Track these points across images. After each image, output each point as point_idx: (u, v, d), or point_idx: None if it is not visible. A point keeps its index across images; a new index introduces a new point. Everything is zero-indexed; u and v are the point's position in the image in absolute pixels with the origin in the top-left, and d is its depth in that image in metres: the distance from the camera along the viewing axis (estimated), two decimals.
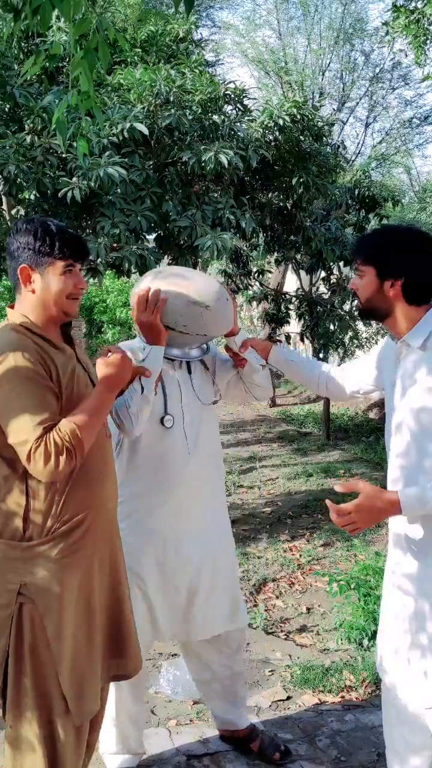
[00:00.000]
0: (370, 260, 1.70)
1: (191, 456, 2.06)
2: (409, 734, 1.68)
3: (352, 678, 2.81)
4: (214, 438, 2.19)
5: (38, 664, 1.57)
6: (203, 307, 1.96)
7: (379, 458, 6.88)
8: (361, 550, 4.20)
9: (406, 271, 1.67)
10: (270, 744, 2.29)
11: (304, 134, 4.67)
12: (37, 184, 3.76)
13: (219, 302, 1.99)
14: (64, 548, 1.59)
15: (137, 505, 2.07)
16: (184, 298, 1.96)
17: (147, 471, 2.06)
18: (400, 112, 13.00)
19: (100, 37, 1.44)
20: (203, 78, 4.31)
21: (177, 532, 2.07)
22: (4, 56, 3.97)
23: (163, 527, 2.07)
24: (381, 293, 1.70)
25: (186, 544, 2.08)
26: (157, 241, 4.48)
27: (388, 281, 1.68)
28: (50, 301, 1.64)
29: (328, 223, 5.32)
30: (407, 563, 1.68)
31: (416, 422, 1.65)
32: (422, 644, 1.63)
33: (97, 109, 1.65)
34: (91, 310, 11.68)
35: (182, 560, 2.08)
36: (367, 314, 1.78)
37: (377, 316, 1.77)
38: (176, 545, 2.08)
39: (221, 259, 5.35)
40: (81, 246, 1.67)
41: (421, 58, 5.71)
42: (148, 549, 2.06)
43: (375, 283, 1.70)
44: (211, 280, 2.10)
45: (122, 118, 3.85)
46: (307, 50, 12.13)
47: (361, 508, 1.55)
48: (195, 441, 2.08)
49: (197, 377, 2.14)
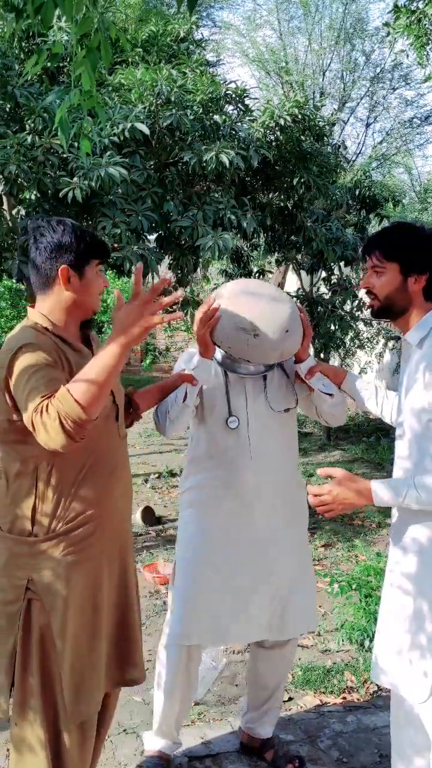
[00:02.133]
0: (393, 256, 1.69)
1: (253, 460, 2.04)
2: (415, 735, 1.67)
3: (354, 679, 2.81)
4: (284, 445, 2.13)
5: (45, 662, 1.57)
6: (251, 334, 1.93)
7: (380, 458, 6.88)
8: (362, 551, 4.19)
9: (430, 267, 1.68)
10: (283, 756, 2.27)
11: (305, 134, 4.67)
12: (38, 184, 3.76)
13: (272, 333, 1.94)
14: (70, 546, 1.59)
15: (199, 496, 2.12)
16: (235, 321, 1.94)
17: (208, 466, 2.10)
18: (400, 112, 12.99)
19: (102, 36, 1.44)
20: (204, 78, 4.31)
21: (235, 532, 2.07)
22: (5, 56, 3.97)
23: (222, 523, 2.08)
24: (404, 289, 1.70)
25: (243, 546, 2.07)
26: (158, 241, 4.48)
27: (413, 277, 1.69)
28: (87, 301, 1.67)
29: (329, 224, 5.31)
30: (406, 563, 1.68)
31: (417, 421, 1.65)
32: (422, 644, 1.63)
33: (99, 108, 1.65)
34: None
35: (238, 561, 2.07)
36: (383, 312, 1.76)
37: (393, 314, 1.75)
38: (234, 545, 2.07)
39: (222, 259, 5.35)
40: (105, 246, 1.72)
41: (422, 58, 5.69)
42: (207, 541, 2.09)
43: (398, 279, 1.70)
44: (279, 307, 2.00)
45: (123, 117, 3.85)
46: (307, 50, 12.12)
47: (334, 491, 1.61)
48: (258, 446, 2.05)
49: (273, 383, 2.12)
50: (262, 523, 2.08)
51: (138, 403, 2.01)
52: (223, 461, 2.07)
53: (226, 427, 2.05)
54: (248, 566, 2.08)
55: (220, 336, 1.97)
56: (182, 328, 11.45)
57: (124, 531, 1.77)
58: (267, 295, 2.03)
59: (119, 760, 2.30)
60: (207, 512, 2.11)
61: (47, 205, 3.97)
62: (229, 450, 2.06)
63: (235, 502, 2.06)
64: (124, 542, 1.77)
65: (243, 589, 2.07)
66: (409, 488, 1.56)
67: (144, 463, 6.72)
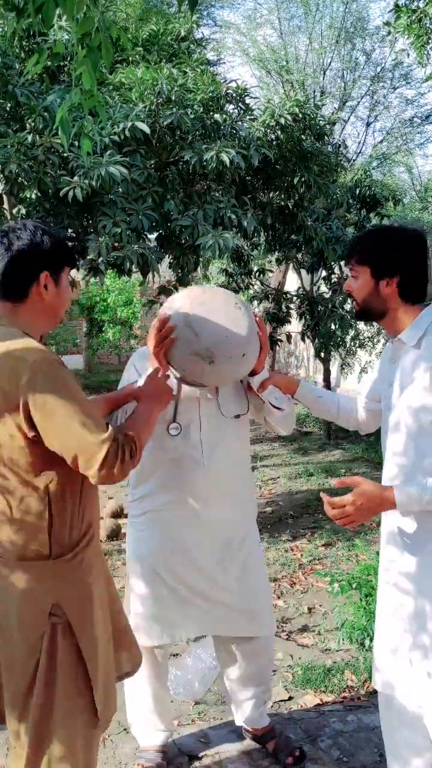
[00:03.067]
0: (364, 260, 1.72)
1: (206, 466, 2.02)
2: (411, 736, 1.67)
3: (354, 678, 2.81)
4: (237, 451, 2.11)
5: (69, 684, 1.50)
6: (206, 362, 1.85)
7: (379, 458, 6.87)
8: (362, 550, 4.19)
9: (400, 269, 1.69)
10: (285, 747, 2.29)
11: (305, 133, 4.66)
12: (39, 183, 3.76)
13: (229, 359, 1.86)
14: (88, 559, 1.57)
15: (151, 503, 2.10)
16: (189, 346, 1.85)
17: (159, 475, 2.07)
18: (401, 111, 13.01)
19: (103, 36, 1.43)
20: (205, 77, 4.30)
21: (189, 537, 2.07)
22: (6, 55, 3.96)
23: (177, 526, 2.07)
24: (377, 293, 1.72)
25: (197, 552, 2.08)
26: (158, 240, 4.48)
27: (384, 280, 1.70)
28: (59, 308, 1.61)
29: (329, 223, 5.31)
30: (403, 561, 1.68)
31: (415, 421, 1.65)
32: (424, 645, 1.62)
33: (100, 107, 1.64)
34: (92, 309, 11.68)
35: (195, 566, 2.08)
36: (363, 315, 1.79)
37: (374, 316, 1.78)
38: (188, 550, 2.07)
39: (222, 258, 5.34)
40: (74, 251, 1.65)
41: (423, 58, 5.69)
42: (164, 541, 2.09)
43: (370, 283, 1.72)
44: (237, 328, 1.88)
45: (124, 117, 3.84)
46: (308, 49, 12.11)
47: (358, 501, 1.59)
48: (212, 452, 2.03)
49: (225, 389, 2.08)
50: (213, 527, 2.07)
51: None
52: (174, 467, 2.03)
53: (168, 434, 2.01)
54: (198, 570, 2.08)
55: (174, 359, 1.89)
56: None
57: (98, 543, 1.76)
58: (223, 313, 1.89)
59: (119, 759, 2.31)
60: (157, 521, 2.08)
61: (48, 204, 3.97)
62: (179, 456, 2.03)
63: (187, 507, 2.05)
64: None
65: (190, 590, 2.08)
66: (424, 492, 1.56)
67: None
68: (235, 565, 2.12)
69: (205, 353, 1.84)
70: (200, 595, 2.09)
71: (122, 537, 4.63)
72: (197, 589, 2.09)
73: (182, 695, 2.69)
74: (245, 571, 2.14)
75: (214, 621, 2.13)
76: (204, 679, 2.76)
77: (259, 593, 2.18)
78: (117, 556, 4.25)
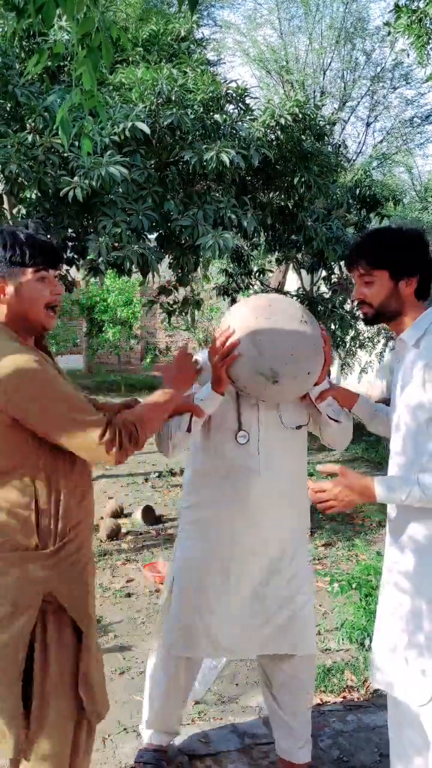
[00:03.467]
0: (381, 264, 1.71)
1: (262, 475, 1.97)
2: (413, 735, 1.68)
3: (354, 678, 2.81)
4: (295, 462, 2.05)
5: (63, 674, 1.54)
6: (270, 381, 1.80)
7: (380, 458, 6.88)
8: (362, 550, 4.19)
9: (419, 268, 1.70)
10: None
11: (305, 133, 4.67)
12: (39, 184, 3.76)
13: (293, 379, 1.81)
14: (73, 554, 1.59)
15: (204, 511, 2.05)
16: (253, 364, 1.80)
17: (215, 481, 2.02)
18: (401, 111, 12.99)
19: (103, 36, 1.44)
20: (205, 77, 4.30)
21: (240, 549, 2.01)
22: (6, 55, 3.96)
23: (230, 539, 2.01)
24: (396, 294, 1.72)
25: (247, 564, 2.02)
26: (158, 240, 4.48)
27: (404, 281, 1.70)
28: (26, 312, 1.57)
29: (330, 223, 5.31)
30: (404, 561, 1.69)
31: (413, 419, 1.66)
32: (420, 643, 1.63)
33: (100, 107, 1.64)
34: (92, 309, 11.68)
35: (243, 578, 2.02)
36: (377, 319, 1.77)
37: (388, 318, 1.76)
38: (238, 561, 2.02)
39: (222, 259, 5.34)
40: (52, 252, 1.60)
41: (423, 58, 5.69)
42: (214, 557, 2.03)
43: (389, 286, 1.71)
44: (304, 346, 1.82)
45: (124, 117, 3.84)
46: (308, 49, 12.11)
47: (337, 488, 1.64)
48: (269, 462, 1.98)
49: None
50: (267, 539, 2.02)
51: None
52: (232, 476, 2.00)
53: (235, 441, 1.97)
54: (248, 582, 2.03)
55: (235, 375, 1.85)
56: (182, 328, 11.45)
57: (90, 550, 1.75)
58: (289, 330, 1.81)
59: (119, 759, 2.31)
60: (209, 529, 2.05)
61: (48, 205, 3.97)
62: (237, 465, 1.98)
63: (242, 517, 2.00)
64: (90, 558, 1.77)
65: (239, 605, 2.03)
66: (412, 486, 1.57)
67: (144, 462, 6.72)
68: (283, 580, 2.05)
69: (269, 373, 1.79)
70: (248, 609, 2.03)
71: (122, 537, 4.63)
72: (245, 602, 2.03)
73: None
74: (293, 586, 2.06)
75: (260, 640, 2.06)
76: (204, 679, 2.76)
77: (305, 610, 2.09)
78: (117, 556, 4.25)
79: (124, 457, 1.52)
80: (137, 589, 3.79)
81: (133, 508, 5.22)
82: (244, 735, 2.43)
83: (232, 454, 1.98)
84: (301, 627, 2.08)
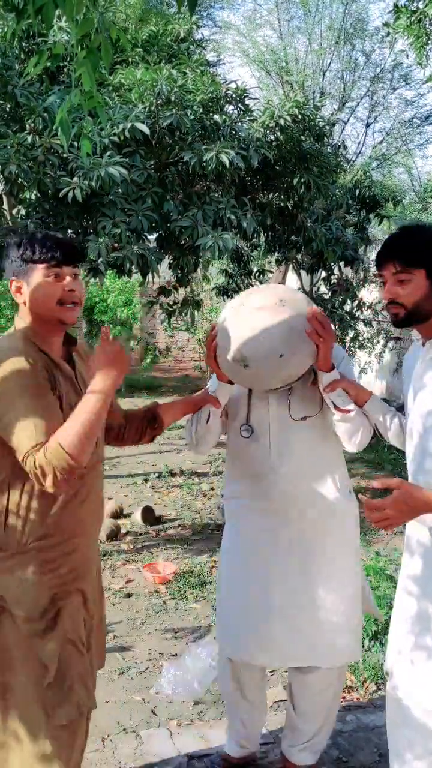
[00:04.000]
0: (417, 263, 1.64)
1: (275, 470, 1.95)
2: (413, 736, 1.67)
3: (353, 678, 2.81)
4: (312, 454, 1.98)
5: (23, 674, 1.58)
6: (241, 365, 1.82)
7: (379, 458, 6.88)
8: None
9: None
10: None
11: (305, 134, 4.67)
12: (38, 184, 3.76)
13: (263, 362, 1.80)
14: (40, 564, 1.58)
15: (234, 506, 2.09)
16: (226, 352, 1.85)
17: (237, 476, 2.07)
18: (400, 112, 13.00)
19: (103, 37, 1.44)
20: (204, 78, 4.30)
21: (265, 544, 1.98)
22: (6, 56, 3.97)
23: (253, 530, 2.01)
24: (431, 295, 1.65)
25: (274, 562, 1.97)
26: (158, 240, 4.48)
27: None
28: (40, 309, 1.59)
29: (329, 224, 5.31)
30: (413, 565, 1.69)
31: (421, 424, 1.67)
32: (428, 646, 1.63)
33: (100, 108, 1.65)
34: (92, 309, 11.68)
35: (267, 577, 1.98)
36: (408, 320, 1.69)
37: (419, 320, 1.69)
38: (266, 557, 1.98)
39: (222, 259, 5.34)
40: (68, 248, 1.60)
41: (422, 59, 5.69)
42: (243, 552, 2.04)
43: (426, 285, 1.64)
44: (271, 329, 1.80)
45: (123, 117, 3.85)
46: (307, 50, 12.13)
47: (398, 503, 1.50)
48: (281, 454, 1.95)
49: (299, 389, 1.97)
50: (290, 535, 1.96)
51: (162, 418, 1.98)
52: (247, 471, 2.01)
53: (241, 436, 1.99)
54: (277, 584, 1.96)
55: (221, 366, 1.91)
56: (182, 328, 11.46)
57: (93, 550, 1.76)
58: (260, 315, 1.82)
59: (119, 760, 2.31)
60: (239, 524, 2.06)
61: (47, 205, 3.98)
62: (252, 458, 1.99)
63: (262, 512, 1.98)
64: (93, 561, 1.77)
65: (271, 608, 1.96)
66: None
67: (144, 462, 6.72)
68: (316, 579, 1.96)
69: (240, 358, 1.82)
70: (281, 611, 1.95)
71: (122, 537, 4.63)
72: (278, 602, 1.96)
73: (182, 695, 2.69)
74: (329, 586, 1.97)
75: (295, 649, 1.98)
76: (203, 679, 2.76)
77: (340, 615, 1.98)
78: (117, 557, 4.25)
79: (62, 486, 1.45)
80: (137, 589, 3.79)
81: (132, 508, 5.22)
82: None
83: (247, 448, 1.99)
84: (336, 633, 1.98)
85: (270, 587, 1.97)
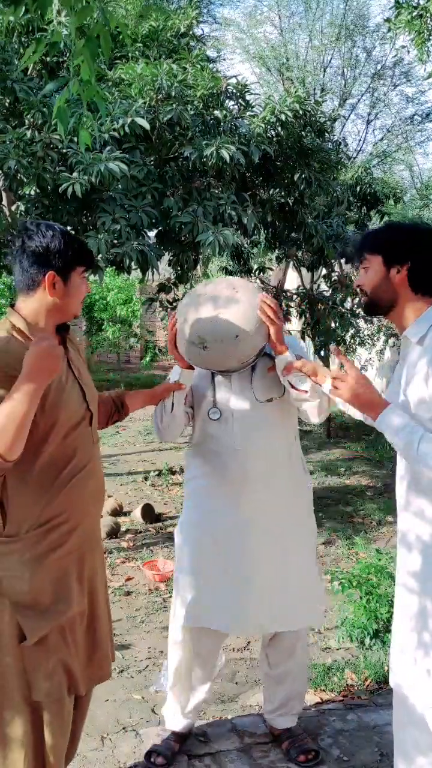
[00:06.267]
0: (376, 249, 1.73)
1: (239, 450, 2.07)
2: (418, 734, 1.66)
3: (354, 677, 2.80)
4: (275, 436, 2.11)
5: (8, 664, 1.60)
6: (200, 347, 1.97)
7: (379, 456, 6.87)
8: (362, 549, 4.17)
9: (411, 256, 1.68)
10: (298, 747, 2.28)
11: (306, 130, 4.64)
12: (38, 180, 3.73)
13: (220, 343, 1.95)
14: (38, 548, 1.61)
15: (196, 486, 2.19)
16: (185, 336, 2.00)
17: (202, 459, 2.16)
18: (401, 108, 12.96)
19: (101, 26, 1.41)
20: (205, 73, 4.27)
21: (227, 521, 2.11)
22: (4, 50, 3.94)
23: (220, 512, 2.12)
24: (387, 281, 1.71)
25: (234, 535, 2.10)
26: (158, 237, 4.45)
27: (395, 267, 1.69)
28: (71, 306, 1.72)
29: (330, 220, 5.29)
30: (411, 561, 1.68)
31: (416, 416, 1.64)
32: (427, 642, 1.62)
33: (99, 98, 1.63)
34: (92, 307, 11.65)
35: (231, 550, 2.11)
36: (372, 307, 1.77)
37: (382, 308, 1.75)
38: (226, 534, 2.11)
39: (222, 256, 5.32)
40: (92, 254, 1.79)
41: (423, 55, 5.66)
42: (206, 528, 2.14)
43: (382, 272, 1.71)
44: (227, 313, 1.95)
45: (123, 112, 3.82)
46: (308, 46, 12.08)
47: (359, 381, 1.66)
48: (245, 436, 2.07)
49: (260, 371, 2.11)
50: (252, 512, 2.10)
51: (127, 406, 2.12)
52: (212, 452, 2.11)
53: (208, 417, 2.10)
54: (241, 555, 2.10)
55: (181, 350, 2.05)
56: None
57: (94, 534, 1.80)
58: (215, 301, 1.99)
59: (118, 759, 2.29)
60: (202, 500, 2.17)
61: (47, 201, 3.95)
62: (216, 441, 2.10)
63: (225, 491, 2.10)
64: (94, 545, 1.80)
65: (238, 579, 2.10)
66: (422, 438, 1.54)
67: (144, 460, 6.70)
68: (278, 551, 2.12)
69: (198, 340, 1.96)
70: (240, 587, 2.10)
71: (121, 535, 4.61)
72: (238, 578, 2.10)
73: None
74: (290, 558, 2.14)
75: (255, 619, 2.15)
76: None
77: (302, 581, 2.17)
78: (117, 554, 4.24)
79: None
80: (136, 587, 3.77)
81: (132, 506, 5.20)
82: (244, 734, 2.41)
83: (213, 431, 2.10)
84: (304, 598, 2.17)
85: (237, 560, 2.10)
